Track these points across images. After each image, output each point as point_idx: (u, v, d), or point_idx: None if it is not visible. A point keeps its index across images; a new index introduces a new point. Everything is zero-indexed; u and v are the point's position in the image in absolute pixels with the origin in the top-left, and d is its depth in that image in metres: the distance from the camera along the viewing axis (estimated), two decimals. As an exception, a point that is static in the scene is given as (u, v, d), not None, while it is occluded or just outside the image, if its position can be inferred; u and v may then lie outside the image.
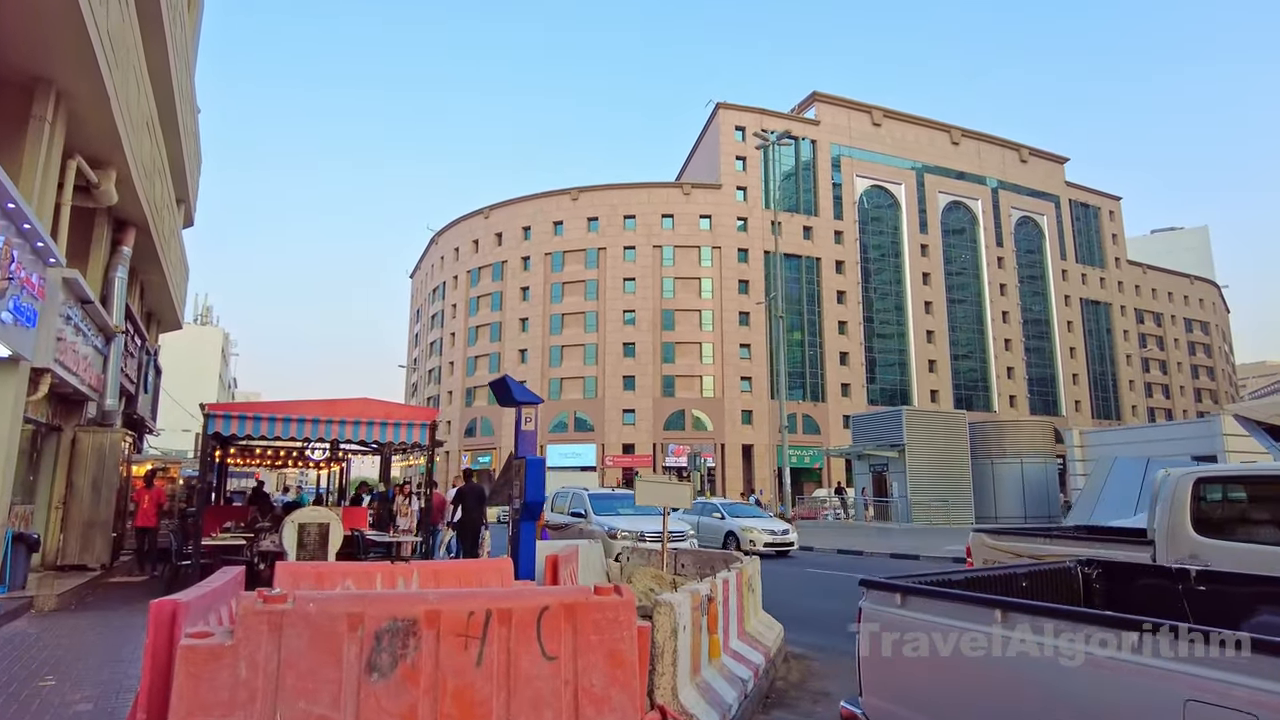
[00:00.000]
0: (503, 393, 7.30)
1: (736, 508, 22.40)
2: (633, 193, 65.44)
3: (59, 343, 9.69)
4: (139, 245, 13.92)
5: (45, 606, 9.00)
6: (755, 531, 19.46)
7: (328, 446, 15.77)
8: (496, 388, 7.47)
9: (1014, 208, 76.77)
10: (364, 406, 10.68)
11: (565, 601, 3.86)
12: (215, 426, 9.72)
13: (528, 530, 7.01)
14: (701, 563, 8.51)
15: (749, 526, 19.80)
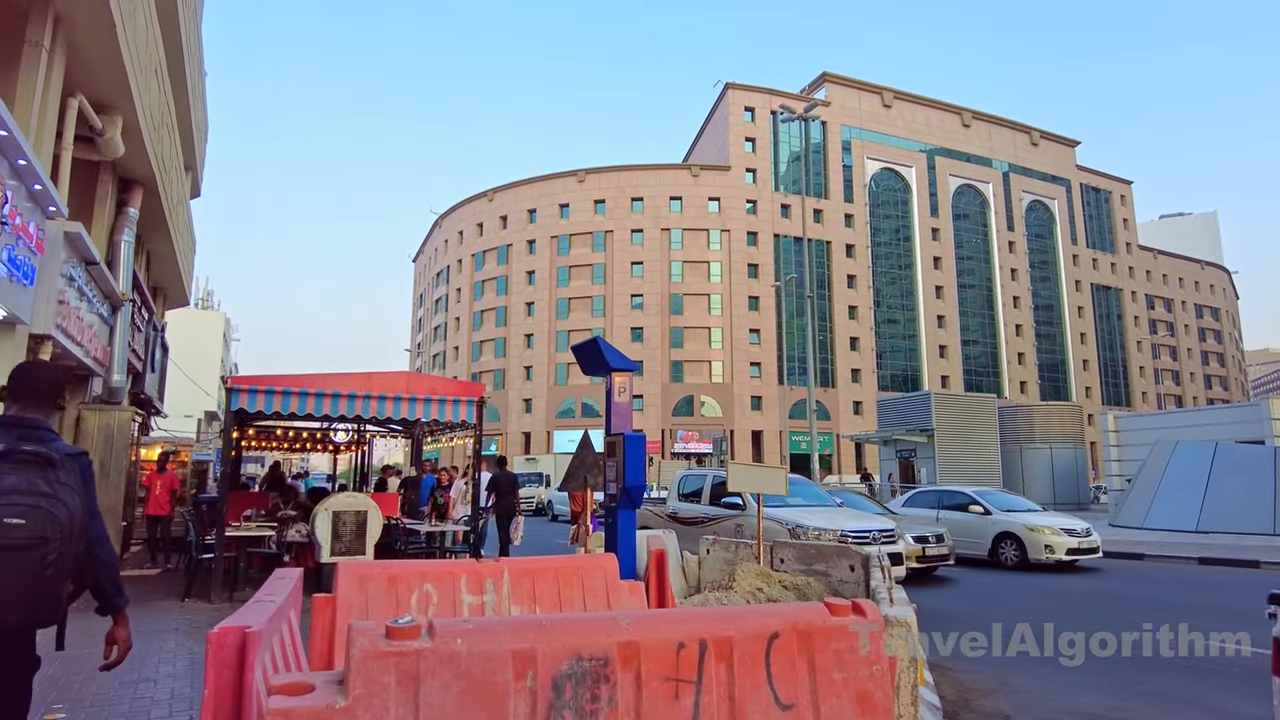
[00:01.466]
0: (591, 357, 6.18)
1: (998, 497, 15.80)
2: (640, 174, 64.17)
3: (60, 306, 8.52)
4: (145, 209, 12.72)
5: (50, 606, 7.91)
6: (1048, 533, 13.33)
7: (354, 427, 14.63)
8: (583, 352, 6.34)
9: (1025, 191, 75.70)
10: (406, 380, 9.56)
11: (797, 625, 2.74)
12: (239, 402, 8.59)
13: (627, 520, 5.90)
14: (806, 557, 7.41)
15: (1039, 525, 13.59)
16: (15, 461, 2.54)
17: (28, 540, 2.48)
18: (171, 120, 13.33)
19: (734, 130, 64.41)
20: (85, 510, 2.69)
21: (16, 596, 2.47)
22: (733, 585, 6.79)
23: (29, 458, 2.56)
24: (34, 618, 2.57)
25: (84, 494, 2.71)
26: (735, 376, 60.95)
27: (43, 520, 2.51)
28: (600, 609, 5.30)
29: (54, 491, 2.57)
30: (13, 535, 2.45)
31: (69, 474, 2.65)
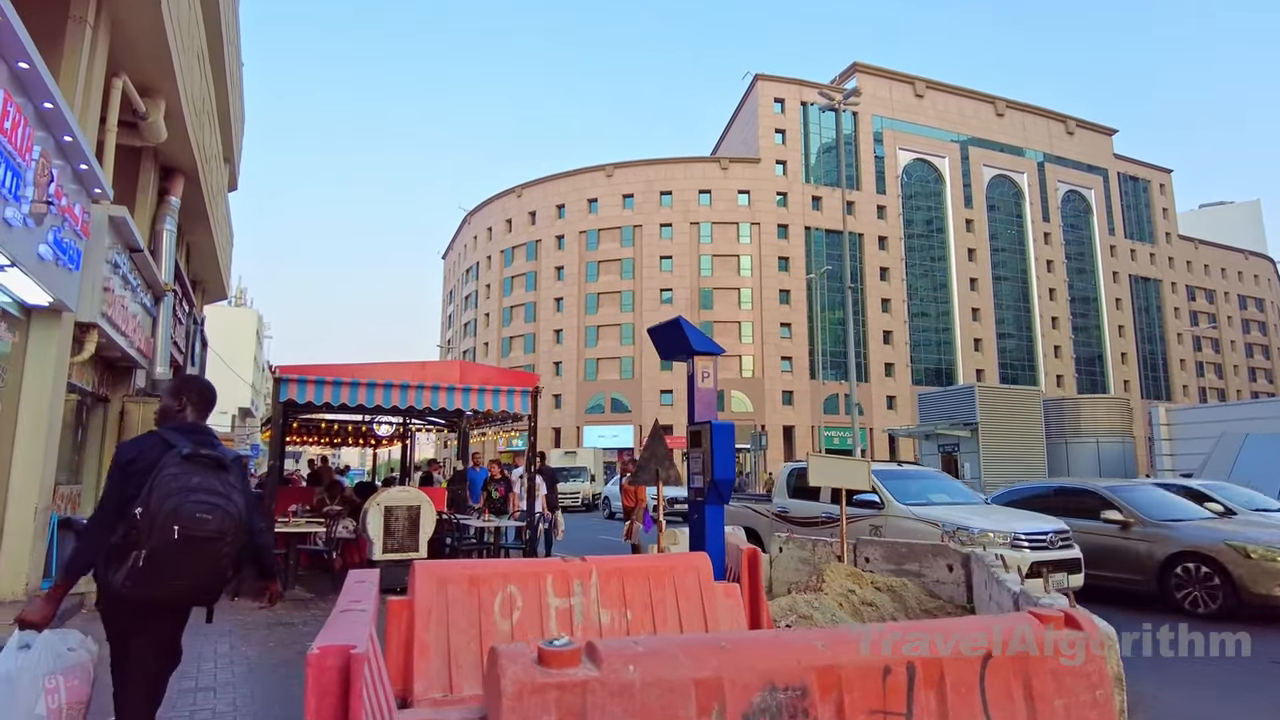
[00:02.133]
0: (670, 340, 5.72)
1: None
2: (669, 168, 63.58)
3: (106, 294, 8.24)
4: (187, 198, 12.48)
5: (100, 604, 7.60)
6: None
7: (399, 420, 14.29)
8: (663, 334, 5.87)
9: (1060, 181, 74.08)
10: (460, 370, 9.17)
11: (1010, 642, 2.26)
12: (288, 393, 8.24)
13: (715, 517, 5.44)
14: (896, 555, 6.91)
15: None
16: (198, 464, 2.90)
17: (212, 534, 2.84)
18: (211, 108, 13.08)
19: (763, 122, 63.59)
20: (249, 507, 3.07)
21: (198, 581, 2.92)
22: (822, 587, 6.32)
23: (207, 461, 2.93)
24: (206, 596, 3.07)
25: (245, 493, 3.06)
26: (766, 371, 60.26)
27: (223, 517, 2.88)
28: (694, 613, 4.85)
29: (228, 492, 2.92)
30: (201, 529, 2.82)
31: (236, 476, 3.03)
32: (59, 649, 2.94)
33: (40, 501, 7.41)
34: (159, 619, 3.07)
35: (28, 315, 7.31)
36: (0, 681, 2.73)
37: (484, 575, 4.37)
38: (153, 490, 2.82)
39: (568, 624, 4.48)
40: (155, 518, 2.78)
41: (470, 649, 4.19)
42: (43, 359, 7.37)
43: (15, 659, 2.79)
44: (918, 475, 10.91)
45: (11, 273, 6.07)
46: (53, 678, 2.84)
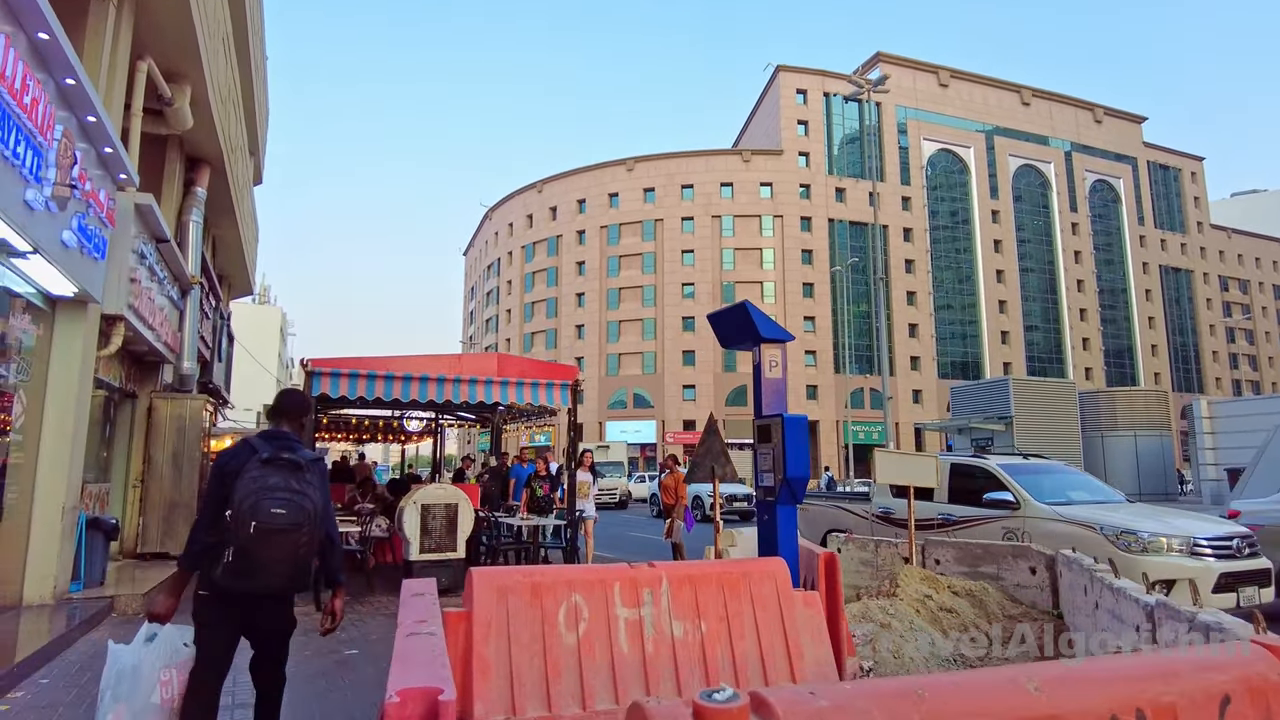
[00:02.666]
0: (735, 326, 5.27)
1: None
2: (690, 161, 63.02)
3: (132, 285, 7.94)
4: (213, 190, 12.21)
5: (129, 609, 7.30)
6: None
7: (430, 416, 13.97)
8: (726, 319, 5.42)
9: (1088, 170, 72.70)
10: (498, 362, 8.80)
11: (1251, 682, 1.82)
12: (321, 387, 7.90)
13: (787, 518, 5.00)
14: (970, 557, 6.45)
15: None
16: (276, 466, 3.21)
17: (287, 525, 3.11)
18: (237, 96, 12.79)
19: (785, 113, 62.85)
20: (325, 504, 3.32)
21: (282, 569, 3.15)
22: (895, 592, 5.88)
23: (285, 463, 3.22)
24: (293, 584, 3.27)
25: (323, 491, 3.33)
26: (790, 365, 59.50)
27: (297, 511, 3.15)
28: (773, 625, 4.43)
29: (303, 489, 3.20)
30: (276, 521, 3.09)
31: (313, 475, 3.30)
32: (176, 644, 3.18)
33: (68, 501, 7.12)
34: (264, 606, 3.36)
35: (53, 307, 7.02)
36: (127, 671, 3.01)
37: (547, 584, 3.97)
38: (236, 491, 3.16)
39: (638, 637, 4.08)
40: (238, 516, 3.10)
41: (534, 665, 3.80)
42: (68, 352, 7.09)
43: (141, 651, 3.06)
44: (1048, 469, 9.41)
45: (35, 260, 5.76)
46: (167, 670, 3.08)
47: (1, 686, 4.54)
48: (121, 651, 3.05)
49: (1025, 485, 8.31)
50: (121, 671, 3.02)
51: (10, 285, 6.23)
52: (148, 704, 2.97)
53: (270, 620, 3.45)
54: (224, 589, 3.18)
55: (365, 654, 5.96)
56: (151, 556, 10.08)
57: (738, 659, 4.27)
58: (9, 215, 4.96)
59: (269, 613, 3.40)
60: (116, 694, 2.98)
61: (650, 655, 4.05)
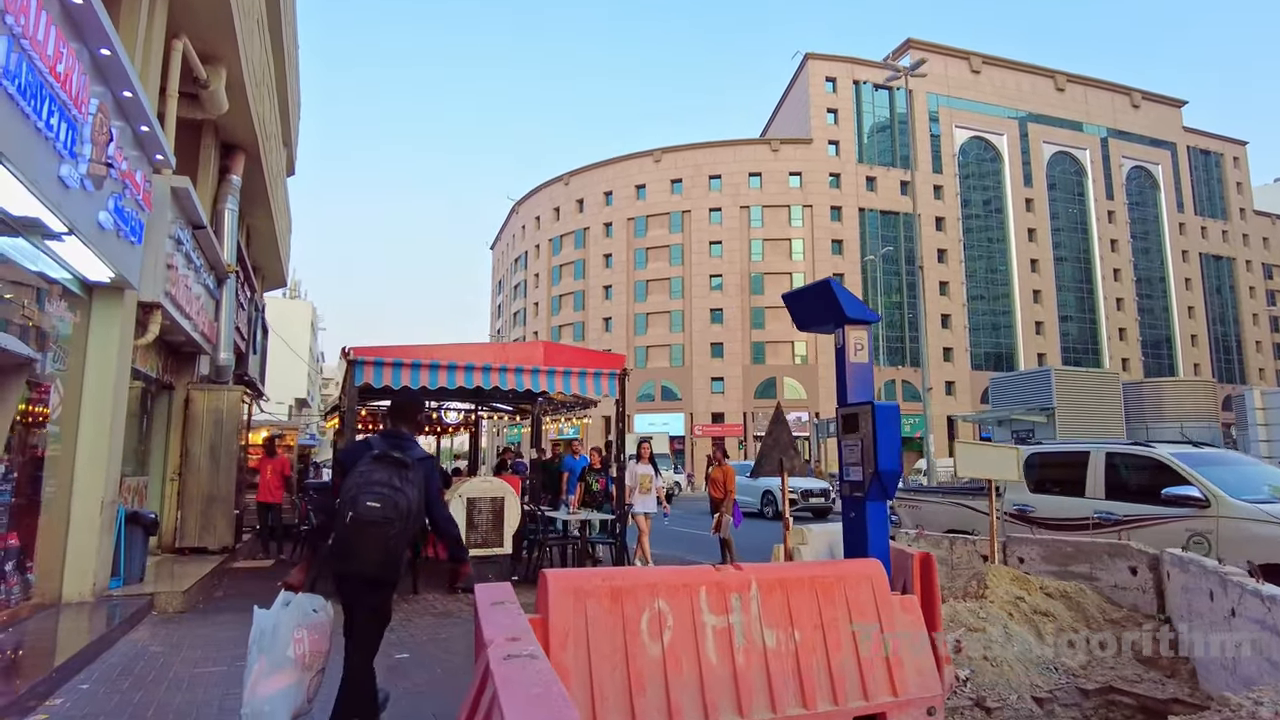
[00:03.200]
0: (815, 306, 4.85)
1: None
2: (718, 151, 62.32)
3: (169, 272, 7.68)
4: (247, 179, 11.99)
5: (169, 607, 7.06)
6: None
7: (468, 407, 13.67)
8: (805, 299, 5.00)
9: (1125, 157, 70.87)
10: (545, 351, 8.44)
11: None
12: (364, 376, 7.60)
13: (878, 515, 4.58)
14: (1060, 556, 5.99)
15: None
16: (384, 462, 3.52)
17: (379, 519, 3.40)
18: (271, 83, 12.54)
19: (815, 102, 61.90)
20: (423, 499, 3.61)
21: (373, 557, 3.44)
22: (984, 594, 5.44)
23: (392, 461, 3.53)
24: (383, 572, 3.55)
25: (425, 487, 3.63)
26: (820, 357, 58.81)
27: (391, 506, 3.43)
28: (870, 632, 4.03)
29: (401, 486, 3.47)
30: (370, 515, 3.39)
31: (416, 473, 3.58)
32: (307, 609, 3.67)
33: (106, 494, 6.88)
34: (362, 587, 3.65)
35: (89, 294, 6.77)
36: (268, 629, 3.56)
37: (628, 588, 3.60)
38: (345, 483, 3.55)
39: (727, 647, 3.70)
40: (341, 507, 3.50)
41: (616, 678, 3.44)
42: (106, 341, 6.83)
43: (279, 614, 3.60)
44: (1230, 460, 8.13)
45: (70, 242, 5.48)
46: (300, 630, 3.59)
47: (40, 693, 4.27)
48: (264, 614, 3.64)
49: (1214, 479, 7.02)
50: (264, 630, 3.61)
51: (46, 270, 5.97)
52: (284, 656, 3.55)
53: (361, 601, 3.72)
54: (331, 571, 3.71)
55: (416, 658, 5.64)
56: (190, 551, 9.88)
57: (834, 671, 3.88)
58: (43, 191, 4.67)
59: (361, 594, 3.71)
60: (260, 647, 3.58)
61: (741, 667, 3.67)
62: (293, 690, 3.55)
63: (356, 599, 3.73)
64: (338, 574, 3.65)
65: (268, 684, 3.53)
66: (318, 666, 3.72)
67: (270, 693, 3.51)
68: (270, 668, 3.53)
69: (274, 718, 3.51)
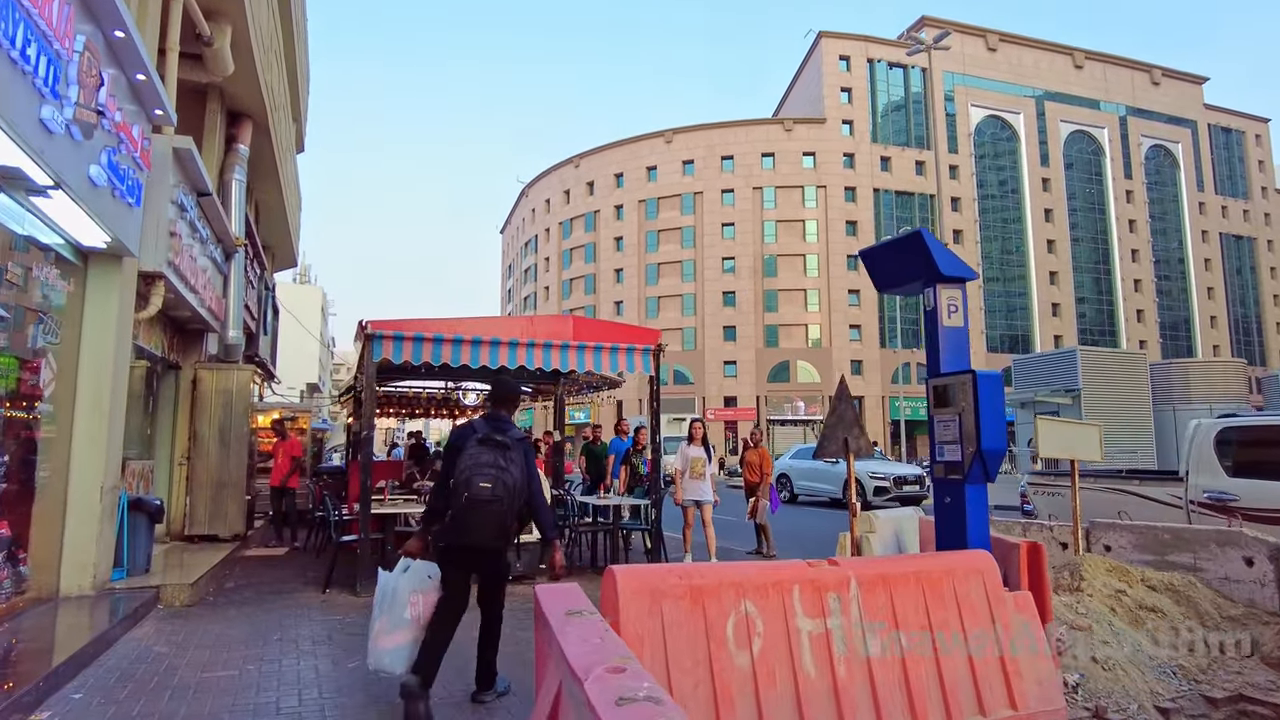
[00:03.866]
0: (901, 262, 4.25)
1: None
2: (730, 131, 61.39)
3: (172, 240, 7.11)
4: (255, 150, 11.38)
5: (176, 600, 6.53)
6: None
7: (489, 388, 13.12)
8: (890, 254, 4.40)
9: (1144, 135, 69.54)
10: (574, 326, 7.84)
11: None
12: (381, 351, 7.03)
13: (977, 498, 4.01)
14: (1156, 544, 5.39)
15: None
16: (488, 445, 4.02)
17: (491, 498, 3.90)
18: (279, 49, 11.93)
19: (828, 80, 60.82)
20: (525, 477, 4.07)
21: (489, 530, 3.96)
22: (1080, 587, 4.86)
23: (495, 443, 4.02)
24: (496, 542, 4.08)
25: (525, 465, 4.09)
26: (834, 340, 58.14)
27: (500, 485, 3.94)
28: (984, 635, 3.45)
29: (506, 466, 3.98)
30: (483, 495, 3.90)
31: (516, 453, 4.06)
32: (422, 575, 4.06)
33: (107, 480, 6.34)
34: (480, 556, 4.08)
35: (84, 261, 6.21)
36: (389, 591, 3.98)
37: (709, 587, 3.03)
38: (457, 465, 3.94)
39: (825, 656, 3.13)
40: (456, 487, 3.89)
41: (699, 695, 2.87)
42: (103, 313, 6.27)
43: (399, 578, 4.01)
44: None
45: (58, 199, 4.91)
46: (416, 594, 3.98)
47: (25, 704, 3.74)
48: (386, 577, 4.10)
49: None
50: (385, 591, 4.06)
51: (35, 234, 5.41)
52: (402, 617, 3.97)
53: (483, 568, 4.21)
54: (447, 544, 4.09)
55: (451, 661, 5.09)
56: (200, 539, 9.37)
57: (946, 682, 3.30)
58: (21, 134, 4.10)
59: (481, 562, 4.18)
60: (381, 608, 4.04)
61: (842, 681, 3.10)
62: (409, 647, 3.98)
63: (475, 567, 4.18)
64: (456, 546, 4.05)
65: (389, 639, 3.99)
66: None
67: (390, 647, 3.97)
68: (390, 626, 3.99)
69: (394, 669, 3.97)
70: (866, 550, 5.31)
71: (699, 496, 8.64)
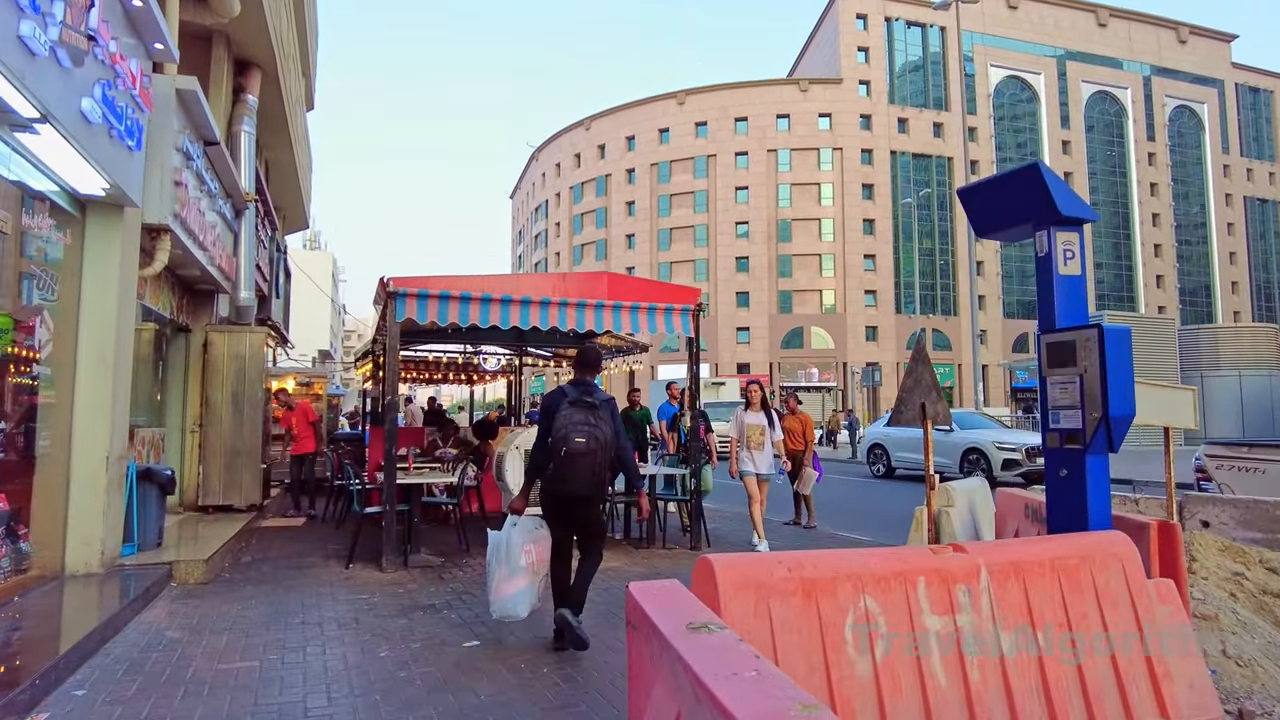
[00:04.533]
0: (1011, 201, 3.69)
1: None
2: (744, 92, 60.05)
3: (178, 190, 6.57)
4: (265, 102, 10.77)
5: (190, 577, 6.08)
6: None
7: (508, 352, 12.62)
8: (996, 193, 3.84)
9: (1169, 95, 67.76)
10: (609, 283, 7.28)
11: None
12: (405, 310, 6.50)
13: (1099, 470, 3.49)
14: (1264, 520, 4.88)
15: None
16: (579, 406, 4.51)
17: (585, 451, 4.41)
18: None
19: (845, 40, 59.28)
20: (613, 433, 4.58)
21: (583, 479, 4.46)
22: (1193, 569, 4.35)
23: (585, 404, 4.52)
24: (592, 490, 4.56)
25: (612, 423, 4.61)
26: (849, 306, 57.38)
27: (592, 440, 4.43)
28: (1128, 631, 2.95)
29: (597, 423, 4.49)
30: (578, 448, 4.40)
31: (604, 412, 4.57)
32: (532, 528, 4.65)
33: (113, 449, 5.88)
34: (576, 505, 4.58)
35: (82, 211, 5.67)
36: (503, 544, 4.57)
37: (823, 580, 2.52)
38: (554, 425, 4.50)
39: (956, 660, 2.62)
40: (554, 444, 4.45)
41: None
42: (104, 268, 5.76)
43: (509, 532, 4.60)
44: None
45: (48, 135, 4.38)
46: (529, 545, 4.59)
47: (20, 705, 3.29)
48: (497, 534, 4.57)
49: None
50: (499, 544, 4.53)
51: (25, 180, 4.89)
52: (518, 566, 4.46)
53: (581, 515, 4.62)
54: (549, 493, 4.55)
55: (487, 645, 4.64)
56: (214, 509, 8.95)
57: (1089, 686, 2.80)
58: (-1, 52, 3.56)
59: (580, 510, 4.60)
60: (498, 559, 4.51)
61: (976, 687, 2.60)
62: (527, 591, 4.49)
63: (573, 515, 4.60)
64: (556, 495, 4.52)
65: (509, 586, 4.46)
66: (543, 573, 4.63)
67: (512, 593, 4.45)
68: (509, 574, 4.47)
69: (517, 613, 4.47)
70: (946, 527, 4.81)
71: (760, 469, 7.81)
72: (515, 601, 4.43)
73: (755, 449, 7.80)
